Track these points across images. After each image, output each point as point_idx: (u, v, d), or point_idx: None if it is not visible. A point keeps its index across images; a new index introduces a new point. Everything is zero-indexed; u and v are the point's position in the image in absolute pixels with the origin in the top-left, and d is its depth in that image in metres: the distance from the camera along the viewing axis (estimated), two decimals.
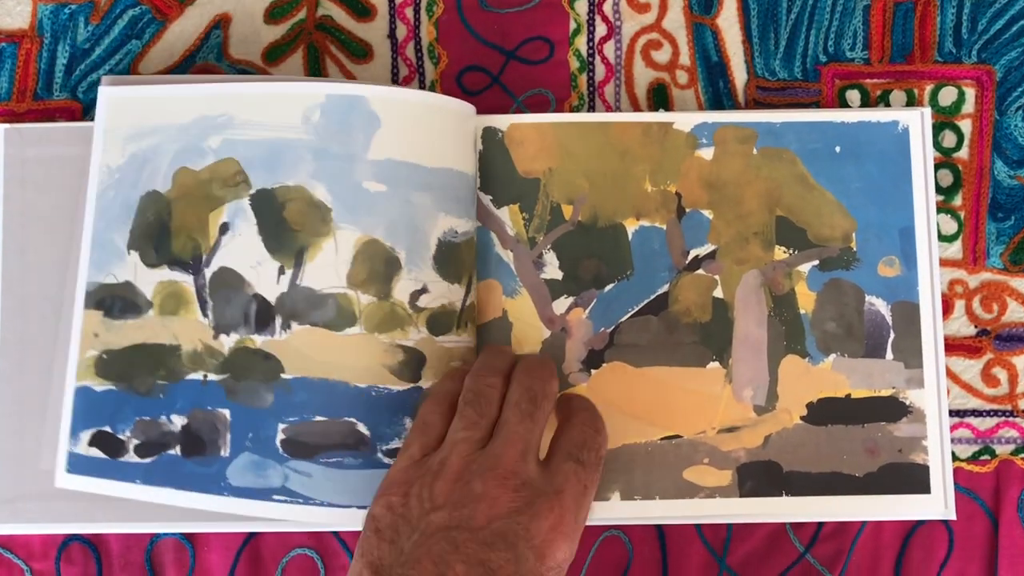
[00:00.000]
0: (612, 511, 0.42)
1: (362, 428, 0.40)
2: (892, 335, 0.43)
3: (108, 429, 0.41)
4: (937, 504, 0.42)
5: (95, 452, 0.41)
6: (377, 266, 0.40)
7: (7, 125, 0.44)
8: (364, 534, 0.35)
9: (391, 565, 0.34)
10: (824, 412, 0.43)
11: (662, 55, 0.46)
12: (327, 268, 0.40)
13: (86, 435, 0.41)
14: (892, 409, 0.43)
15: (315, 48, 0.46)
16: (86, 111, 0.46)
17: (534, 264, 0.44)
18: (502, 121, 0.44)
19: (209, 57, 0.46)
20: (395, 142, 0.40)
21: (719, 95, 0.46)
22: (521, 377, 0.39)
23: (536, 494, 0.35)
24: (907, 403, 0.43)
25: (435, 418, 0.38)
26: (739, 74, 0.46)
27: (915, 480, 0.42)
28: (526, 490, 0.35)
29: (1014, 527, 0.44)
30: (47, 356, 0.43)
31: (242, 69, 0.46)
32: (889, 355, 0.43)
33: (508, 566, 0.33)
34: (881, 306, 0.43)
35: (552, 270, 0.44)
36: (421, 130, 0.41)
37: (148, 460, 0.41)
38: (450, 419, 0.38)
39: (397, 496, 0.35)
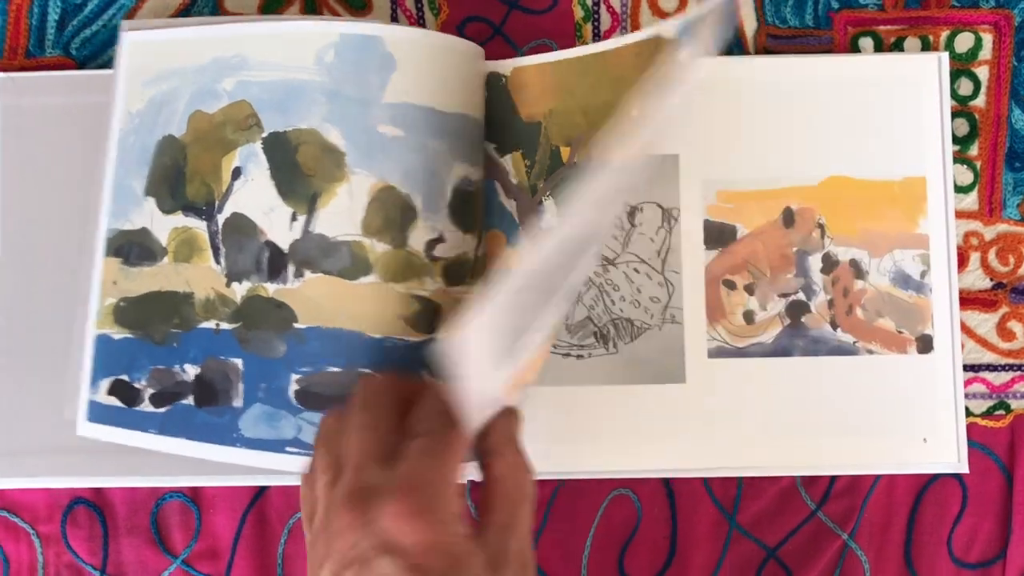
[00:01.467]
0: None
1: None
2: None
3: (125, 378, 0.40)
4: (950, 456, 0.42)
5: (113, 401, 0.40)
6: (392, 214, 0.39)
7: (1, 74, 0.43)
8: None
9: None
10: None
11: (669, 3, 0.45)
12: (341, 215, 0.39)
13: (105, 383, 0.40)
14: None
15: None
16: (80, 68, 0.44)
17: (536, 212, 0.43)
18: (505, 66, 0.43)
19: (204, 11, 0.45)
20: (411, 85, 0.39)
21: (728, 44, 0.44)
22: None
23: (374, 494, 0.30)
24: None
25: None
26: (749, 22, 0.45)
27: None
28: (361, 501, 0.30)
29: None
30: (52, 308, 0.42)
31: None
32: None
33: None
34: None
35: (552, 217, 0.43)
36: (437, 73, 0.40)
37: (163, 410, 0.40)
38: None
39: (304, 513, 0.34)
